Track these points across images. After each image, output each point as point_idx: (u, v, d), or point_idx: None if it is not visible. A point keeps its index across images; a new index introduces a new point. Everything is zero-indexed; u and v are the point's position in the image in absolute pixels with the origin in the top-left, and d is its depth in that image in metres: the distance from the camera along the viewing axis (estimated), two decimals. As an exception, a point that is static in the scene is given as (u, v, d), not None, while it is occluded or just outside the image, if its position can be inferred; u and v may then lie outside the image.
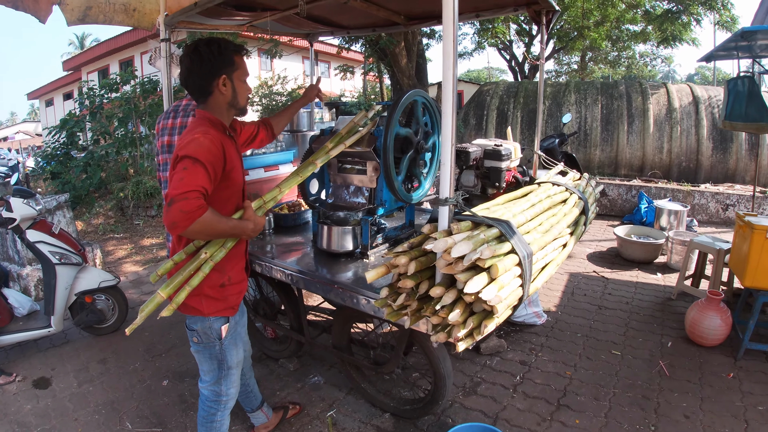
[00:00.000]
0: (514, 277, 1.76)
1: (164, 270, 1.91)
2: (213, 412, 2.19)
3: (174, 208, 1.64)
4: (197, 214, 1.67)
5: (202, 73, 1.88)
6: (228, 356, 2.11)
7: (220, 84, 1.90)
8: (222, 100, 1.94)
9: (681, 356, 3.44)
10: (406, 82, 10.70)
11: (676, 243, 5.19)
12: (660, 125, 9.04)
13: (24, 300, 3.80)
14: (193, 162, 1.72)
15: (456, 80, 1.68)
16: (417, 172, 2.61)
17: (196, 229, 1.70)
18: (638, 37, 16.94)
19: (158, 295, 1.76)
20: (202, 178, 1.71)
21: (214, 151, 1.78)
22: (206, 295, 1.98)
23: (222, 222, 1.79)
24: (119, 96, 9.27)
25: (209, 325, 2.02)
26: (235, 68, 1.94)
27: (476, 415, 2.87)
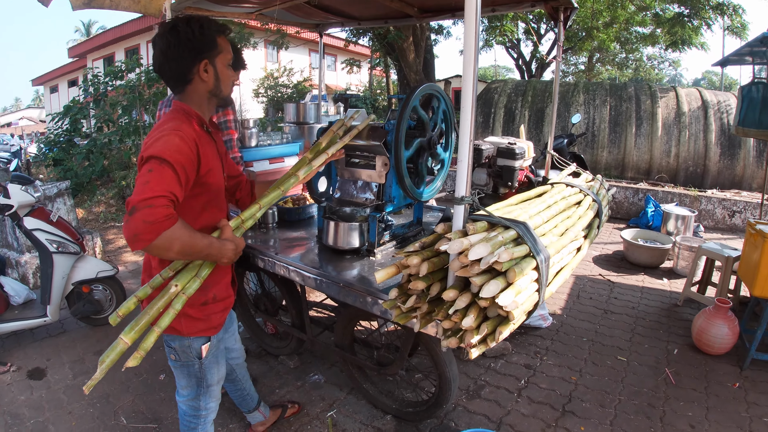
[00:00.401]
0: (531, 281, 1.68)
1: (126, 310, 1.59)
2: (193, 426, 2.04)
3: (136, 217, 1.37)
4: (164, 226, 1.41)
5: (180, 57, 1.62)
6: (208, 375, 1.94)
7: (201, 69, 1.65)
8: (203, 88, 1.69)
9: (687, 364, 3.38)
10: (414, 78, 10.63)
11: (684, 248, 5.12)
12: (668, 129, 8.96)
13: (20, 288, 3.74)
14: (160, 163, 1.46)
15: (477, 73, 1.60)
16: (429, 168, 2.53)
17: (163, 244, 1.42)
18: (647, 40, 16.89)
19: (120, 341, 1.51)
20: (170, 182, 1.46)
21: (185, 150, 1.53)
22: (185, 314, 1.76)
23: (195, 238, 1.52)
24: (124, 84, 9.19)
25: (188, 344, 1.82)
26: (219, 51, 1.68)
27: (480, 419, 2.80)
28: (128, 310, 1.59)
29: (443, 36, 17.21)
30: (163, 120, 1.63)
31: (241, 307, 3.48)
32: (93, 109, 9.26)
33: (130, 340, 1.52)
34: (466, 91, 1.61)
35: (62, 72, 30.40)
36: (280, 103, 17.27)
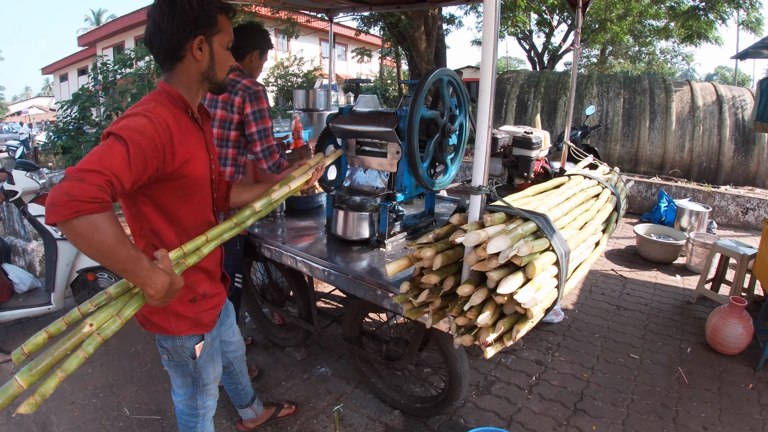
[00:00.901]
0: (551, 277, 1.60)
1: (33, 346, 1.33)
2: (192, 425, 1.94)
3: (62, 186, 1.15)
4: (86, 207, 1.16)
5: (173, 29, 1.44)
6: (203, 374, 1.82)
7: (195, 47, 1.47)
8: (194, 69, 1.51)
9: (700, 363, 3.30)
10: (425, 67, 10.51)
11: (697, 245, 5.01)
12: (682, 123, 8.82)
13: (25, 276, 3.70)
14: (115, 139, 1.26)
15: (496, 57, 1.51)
16: (443, 156, 2.45)
17: (79, 228, 1.17)
18: (661, 33, 16.67)
19: (15, 383, 1.25)
20: (118, 162, 1.23)
21: (150, 132, 1.32)
22: (174, 312, 1.62)
23: (122, 241, 1.23)
24: (133, 72, 9.15)
25: (181, 344, 1.69)
26: (218, 30, 1.51)
27: (489, 416, 2.74)
28: (36, 346, 1.33)
29: (455, 26, 17.06)
30: (141, 100, 1.46)
31: (247, 297, 3.42)
32: (102, 97, 9.23)
33: (26, 384, 1.26)
34: (485, 76, 1.52)
35: (72, 61, 30.47)
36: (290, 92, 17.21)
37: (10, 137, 21.08)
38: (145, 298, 1.37)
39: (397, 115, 2.25)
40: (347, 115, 2.49)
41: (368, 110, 2.50)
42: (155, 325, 1.65)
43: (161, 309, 1.60)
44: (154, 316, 1.63)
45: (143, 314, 1.64)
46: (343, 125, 2.47)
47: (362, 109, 2.52)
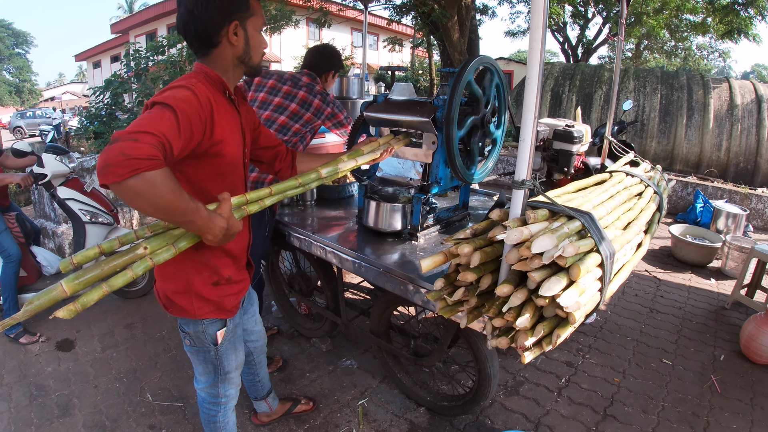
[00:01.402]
0: (595, 279, 1.52)
1: (83, 258, 1.35)
2: (213, 414, 1.94)
3: (115, 147, 1.13)
4: (143, 165, 1.15)
5: (208, 16, 1.44)
6: (225, 362, 1.81)
7: (231, 32, 1.48)
8: (230, 53, 1.52)
9: (733, 372, 3.18)
10: (458, 58, 10.34)
11: (734, 248, 4.83)
12: (720, 121, 8.53)
13: (53, 259, 3.75)
14: (161, 108, 1.27)
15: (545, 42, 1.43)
16: (481, 148, 2.36)
17: (138, 186, 1.16)
18: (698, 28, 16.17)
19: (59, 288, 1.27)
20: (168, 126, 1.24)
21: (194, 104, 1.33)
22: (198, 294, 1.61)
23: (179, 195, 1.24)
24: (165, 59, 9.23)
25: (203, 329, 1.68)
26: (251, 13, 1.52)
27: (517, 418, 2.67)
28: (86, 258, 1.36)
29: (488, 16, 16.78)
30: (179, 78, 1.44)
31: (275, 285, 3.40)
32: (134, 83, 9.33)
33: (70, 291, 1.27)
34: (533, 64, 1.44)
35: (105, 48, 31.01)
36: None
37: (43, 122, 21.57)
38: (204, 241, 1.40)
39: (433, 105, 2.18)
40: (382, 103, 2.43)
41: (403, 99, 2.43)
42: (177, 307, 1.64)
43: (185, 290, 1.60)
44: (178, 297, 1.62)
45: (167, 295, 1.64)
46: (377, 114, 2.40)
47: (397, 98, 2.45)
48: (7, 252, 3.26)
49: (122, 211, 5.32)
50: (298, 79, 2.80)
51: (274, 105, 2.71)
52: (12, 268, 3.27)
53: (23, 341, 3.27)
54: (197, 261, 1.58)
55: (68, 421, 2.59)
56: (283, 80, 2.79)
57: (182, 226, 1.36)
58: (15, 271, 3.29)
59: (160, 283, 1.66)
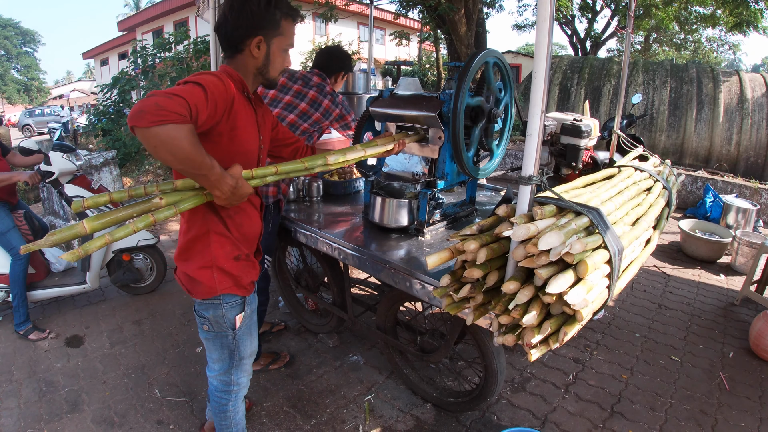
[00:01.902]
0: (602, 276, 1.50)
1: (93, 203, 1.45)
2: (224, 402, 1.98)
3: (151, 99, 1.27)
4: (172, 118, 1.27)
5: (236, 25, 1.59)
6: (241, 346, 1.88)
7: (254, 45, 1.61)
8: (251, 63, 1.65)
9: (742, 369, 3.15)
10: (465, 51, 10.26)
11: (744, 244, 4.78)
12: (730, 115, 8.44)
13: (61, 256, 3.77)
14: (194, 84, 1.40)
15: (551, 36, 1.41)
16: (488, 143, 2.34)
17: (164, 134, 1.27)
18: (707, 21, 15.97)
19: (80, 225, 1.36)
20: (198, 97, 1.37)
21: (221, 88, 1.46)
22: (219, 268, 1.70)
23: (198, 150, 1.35)
24: (172, 56, 9.27)
25: (222, 314, 1.77)
26: (279, 33, 1.63)
27: (524, 414, 2.66)
28: (96, 204, 1.45)
29: (495, 9, 16.64)
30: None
31: (282, 281, 3.40)
32: (142, 80, 9.36)
33: (90, 229, 1.36)
34: (539, 58, 1.42)
35: (112, 45, 31.09)
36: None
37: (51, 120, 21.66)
38: (215, 199, 1.51)
39: (440, 100, 2.16)
40: (388, 98, 2.41)
41: (409, 93, 2.41)
42: (199, 285, 1.71)
43: (208, 264, 1.69)
44: (200, 272, 1.70)
45: (188, 275, 1.72)
46: (383, 109, 2.39)
47: (403, 93, 2.43)
48: (16, 249, 3.28)
49: (130, 207, 5.35)
50: (309, 79, 2.81)
51: (284, 103, 2.72)
52: (20, 266, 3.29)
53: (33, 337, 3.29)
54: (221, 236, 1.69)
55: (77, 416, 2.61)
56: (294, 79, 2.81)
57: (197, 179, 1.45)
58: (24, 268, 3.31)
59: (183, 265, 1.74)
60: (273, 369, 2.98)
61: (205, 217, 1.67)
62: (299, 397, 2.76)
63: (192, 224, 1.69)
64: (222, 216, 1.68)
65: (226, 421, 2.02)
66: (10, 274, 3.29)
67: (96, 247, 1.39)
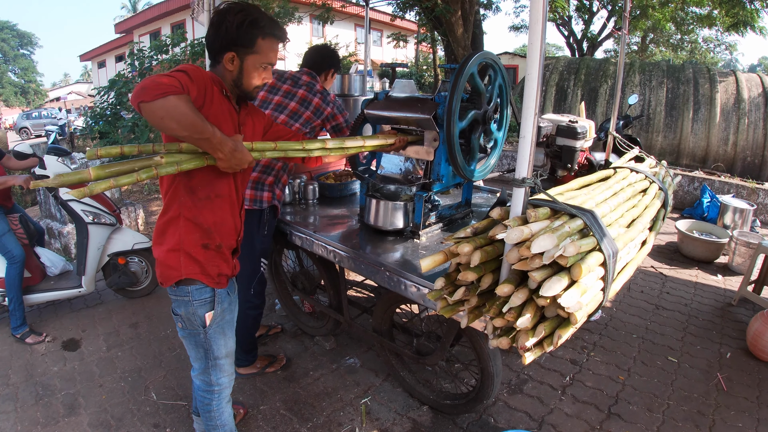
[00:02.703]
0: (597, 279, 1.50)
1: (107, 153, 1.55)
2: (207, 402, 2.03)
3: (149, 78, 1.43)
4: (171, 90, 1.42)
5: (213, 39, 1.73)
6: (214, 346, 1.92)
7: (227, 59, 1.73)
8: (227, 74, 1.77)
9: (740, 370, 3.15)
10: (461, 53, 10.27)
11: (741, 244, 4.78)
12: (727, 115, 8.43)
13: (57, 259, 3.77)
14: (179, 71, 1.53)
15: (545, 39, 1.41)
16: (483, 145, 2.34)
17: (166, 105, 1.42)
18: (704, 21, 16.00)
19: (87, 171, 1.47)
20: (185, 78, 1.51)
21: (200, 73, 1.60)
22: (186, 252, 1.77)
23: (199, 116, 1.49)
24: (169, 58, 9.26)
25: (193, 311, 1.83)
26: (253, 51, 1.73)
27: (520, 416, 2.65)
28: (108, 153, 1.54)
29: (492, 11, 16.70)
30: None
31: (278, 284, 3.40)
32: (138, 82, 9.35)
33: (94, 176, 1.48)
34: (533, 60, 1.42)
35: (109, 48, 31.03)
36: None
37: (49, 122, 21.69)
38: (217, 163, 1.63)
39: (434, 102, 2.16)
40: (383, 100, 2.42)
41: (404, 96, 2.41)
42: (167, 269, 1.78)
43: (176, 247, 1.76)
44: (169, 255, 1.77)
45: (161, 261, 1.80)
46: (378, 111, 2.39)
47: (398, 95, 2.43)
48: (11, 253, 3.27)
49: (127, 210, 5.34)
50: (298, 78, 2.80)
51: (274, 104, 2.72)
52: (16, 269, 3.28)
53: (29, 341, 3.28)
54: (191, 221, 1.76)
55: (74, 420, 2.60)
56: (282, 79, 2.80)
57: (200, 144, 1.56)
58: (19, 272, 3.30)
59: (156, 249, 1.81)
60: (269, 372, 2.97)
61: (180, 202, 1.74)
62: (296, 400, 2.75)
63: (168, 207, 1.77)
64: (196, 202, 1.75)
65: (212, 422, 2.06)
66: (6, 278, 3.27)
67: (101, 188, 1.47)
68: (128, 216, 5.34)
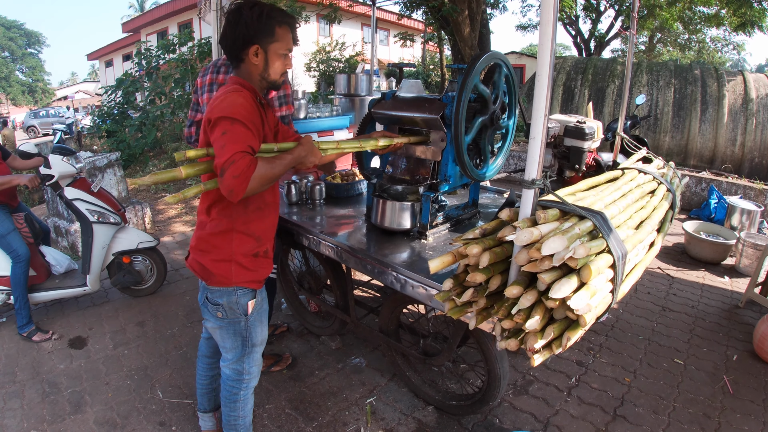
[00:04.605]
0: (606, 281, 1.49)
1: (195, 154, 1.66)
2: (235, 391, 2.06)
3: (226, 177, 1.52)
4: (249, 174, 1.53)
5: (235, 38, 1.75)
6: (253, 333, 1.99)
7: (251, 53, 1.76)
8: (254, 70, 1.81)
9: (746, 373, 3.12)
10: (468, 52, 10.24)
11: (748, 246, 4.74)
12: (734, 116, 8.39)
13: (62, 258, 3.79)
14: (231, 123, 1.59)
15: (555, 36, 1.40)
16: (491, 145, 2.33)
17: (255, 186, 1.57)
18: (711, 21, 15.89)
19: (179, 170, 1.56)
20: (245, 137, 1.58)
21: (249, 107, 1.66)
22: (238, 263, 1.85)
23: (276, 165, 1.66)
24: (176, 57, 9.29)
25: (236, 300, 1.89)
26: (274, 40, 1.77)
27: (526, 417, 2.64)
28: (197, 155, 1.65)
29: (499, 10, 16.64)
30: (223, 89, 1.76)
31: (284, 283, 3.40)
32: (146, 81, 9.39)
33: (185, 174, 1.57)
34: (543, 59, 1.41)
35: (117, 47, 31.15)
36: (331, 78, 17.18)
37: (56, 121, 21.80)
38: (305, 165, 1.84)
39: (442, 102, 2.15)
40: (390, 100, 2.41)
41: (412, 96, 2.41)
42: (214, 275, 1.84)
43: (226, 257, 1.84)
44: (217, 264, 1.84)
45: (204, 266, 1.86)
46: (385, 111, 2.39)
47: (405, 95, 2.43)
48: (17, 252, 3.28)
49: (134, 209, 5.35)
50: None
51: None
52: (21, 268, 3.30)
53: (36, 339, 3.29)
54: (243, 234, 1.84)
55: (80, 417, 2.61)
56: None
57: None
58: (24, 271, 3.31)
59: (199, 255, 1.88)
60: (275, 371, 2.97)
61: (232, 216, 1.82)
62: (301, 399, 2.75)
63: (217, 222, 1.83)
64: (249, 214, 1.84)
65: (235, 412, 2.09)
66: (11, 277, 3.29)
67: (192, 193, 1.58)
68: (135, 215, 5.36)
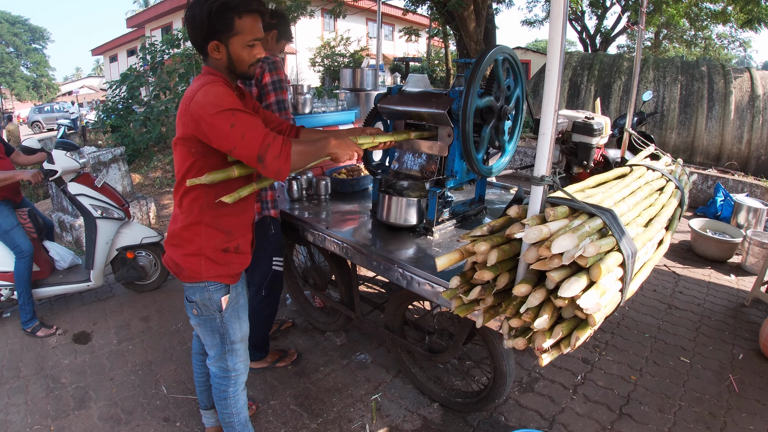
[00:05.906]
0: (616, 279, 1.47)
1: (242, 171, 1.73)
2: (223, 389, 2.05)
3: (268, 160, 1.58)
4: (287, 150, 1.62)
5: (194, 37, 1.74)
6: (230, 330, 1.96)
7: (212, 49, 1.72)
8: (219, 64, 1.77)
9: (752, 372, 3.10)
10: (474, 48, 10.18)
11: (755, 244, 4.71)
12: (741, 113, 8.32)
13: (65, 253, 3.79)
14: (232, 113, 1.60)
15: (565, 31, 1.37)
16: (499, 140, 2.31)
17: (297, 160, 1.67)
18: (718, 17, 15.80)
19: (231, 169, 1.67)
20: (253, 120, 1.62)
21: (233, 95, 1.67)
22: (207, 257, 1.82)
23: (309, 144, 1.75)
24: (180, 52, 9.27)
25: (208, 296, 1.87)
26: (234, 33, 1.70)
27: (531, 415, 2.63)
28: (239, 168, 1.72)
29: (504, 5, 16.55)
30: (194, 81, 1.75)
31: (289, 279, 3.39)
32: (150, 76, 9.39)
33: (237, 173, 1.67)
34: (553, 54, 1.39)
35: (121, 42, 31.15)
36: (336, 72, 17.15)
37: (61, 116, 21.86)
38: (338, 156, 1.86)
39: (449, 97, 2.13)
40: (396, 95, 2.39)
41: (418, 90, 2.39)
42: (186, 271, 1.82)
43: (195, 251, 1.81)
44: (187, 259, 1.81)
45: (176, 261, 1.84)
46: (391, 106, 2.37)
47: (412, 90, 2.41)
48: (20, 248, 3.28)
49: (139, 204, 5.35)
50: None
51: None
52: (25, 263, 3.30)
53: (40, 334, 3.30)
54: (212, 227, 1.81)
55: (84, 413, 2.61)
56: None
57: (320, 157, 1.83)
58: (28, 266, 3.31)
59: (171, 250, 1.86)
60: (280, 367, 2.97)
61: (202, 209, 1.78)
62: (306, 395, 2.75)
63: (187, 214, 1.80)
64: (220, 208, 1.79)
65: (227, 410, 2.08)
66: (15, 272, 3.29)
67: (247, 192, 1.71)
68: (140, 209, 5.36)
